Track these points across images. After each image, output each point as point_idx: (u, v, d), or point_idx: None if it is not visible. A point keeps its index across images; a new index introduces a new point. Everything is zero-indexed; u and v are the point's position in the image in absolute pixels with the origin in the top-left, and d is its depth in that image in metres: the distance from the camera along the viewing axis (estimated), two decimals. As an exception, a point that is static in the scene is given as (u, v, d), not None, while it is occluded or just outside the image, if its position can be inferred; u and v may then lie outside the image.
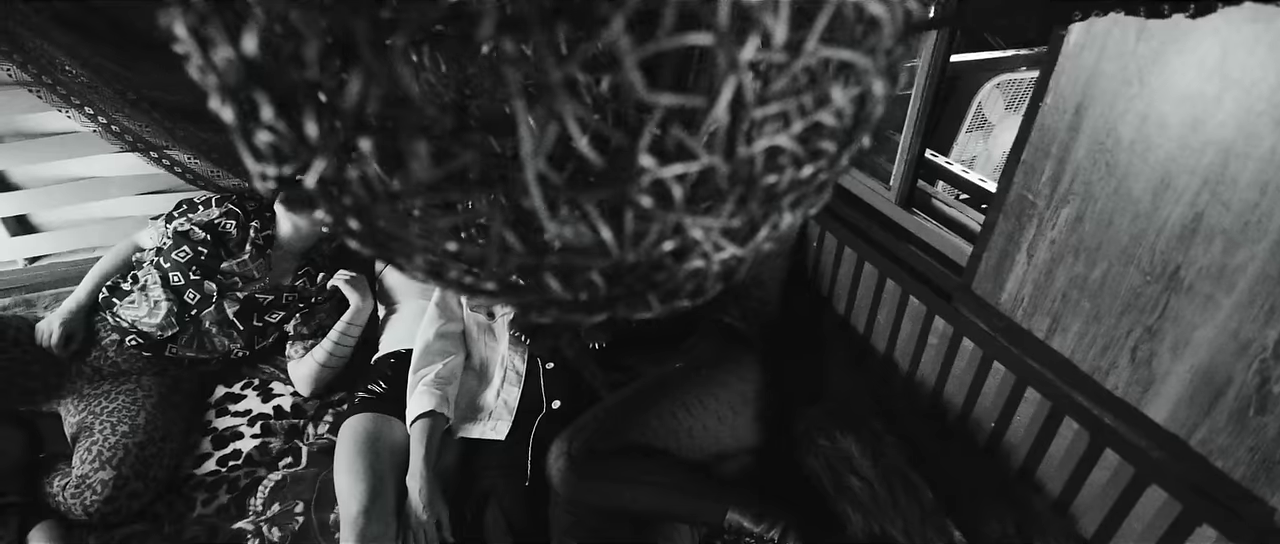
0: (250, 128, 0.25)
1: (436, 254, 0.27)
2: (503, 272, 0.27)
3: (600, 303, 0.30)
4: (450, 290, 0.32)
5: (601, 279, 0.28)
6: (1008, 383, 1.21)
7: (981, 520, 1.18)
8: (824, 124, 0.27)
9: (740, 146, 0.24)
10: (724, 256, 0.30)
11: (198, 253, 1.62)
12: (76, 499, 1.34)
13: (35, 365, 1.52)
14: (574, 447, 1.23)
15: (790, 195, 0.29)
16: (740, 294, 1.72)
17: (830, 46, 0.25)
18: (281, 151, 0.26)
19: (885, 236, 1.49)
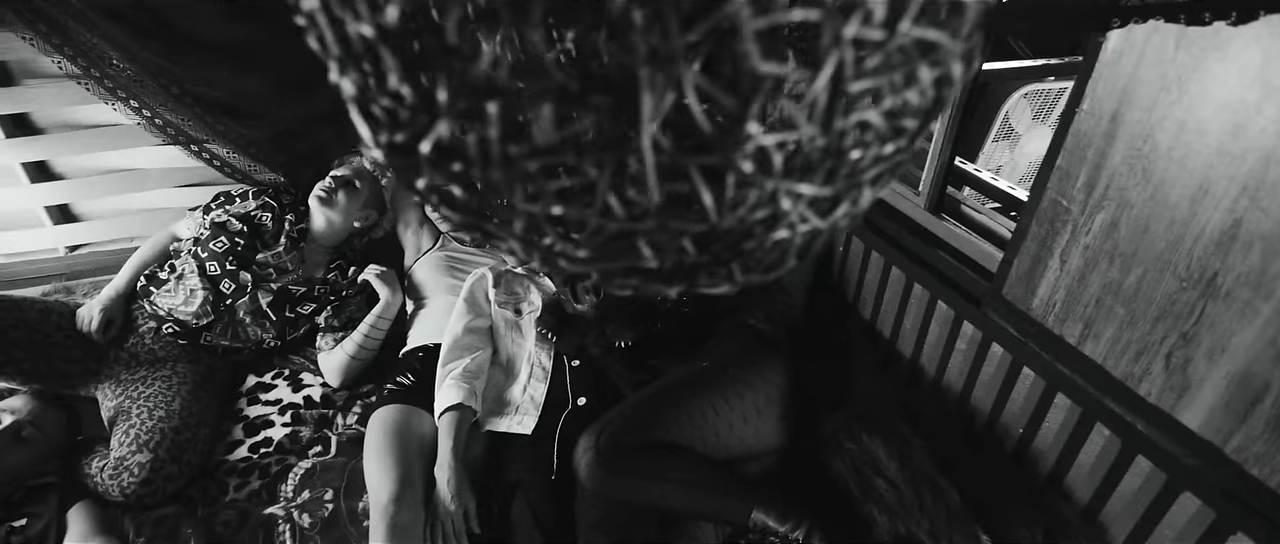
0: (370, 95, 0.27)
1: (538, 219, 0.29)
2: (600, 237, 0.29)
3: (685, 272, 0.32)
4: (537, 261, 0.33)
5: (692, 246, 0.30)
6: (1037, 389, 1.20)
7: (1010, 527, 1.18)
8: (909, 103, 0.28)
9: (836, 119, 0.26)
10: (806, 229, 0.31)
11: (234, 244, 1.65)
12: (114, 481, 1.37)
13: (75, 350, 1.57)
14: (601, 441, 1.24)
15: (871, 171, 0.30)
16: (765, 297, 1.73)
17: (921, 27, 0.26)
18: (397, 118, 0.27)
19: (913, 242, 1.49)
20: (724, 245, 0.30)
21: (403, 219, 1.94)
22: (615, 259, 0.31)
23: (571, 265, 0.33)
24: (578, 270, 0.33)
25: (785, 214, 0.29)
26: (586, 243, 0.29)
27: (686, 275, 0.32)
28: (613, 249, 0.30)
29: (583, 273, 0.35)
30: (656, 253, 0.30)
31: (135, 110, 1.64)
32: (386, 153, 0.29)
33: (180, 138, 1.72)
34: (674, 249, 0.30)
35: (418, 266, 1.88)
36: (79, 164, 1.82)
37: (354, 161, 1.85)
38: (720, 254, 0.31)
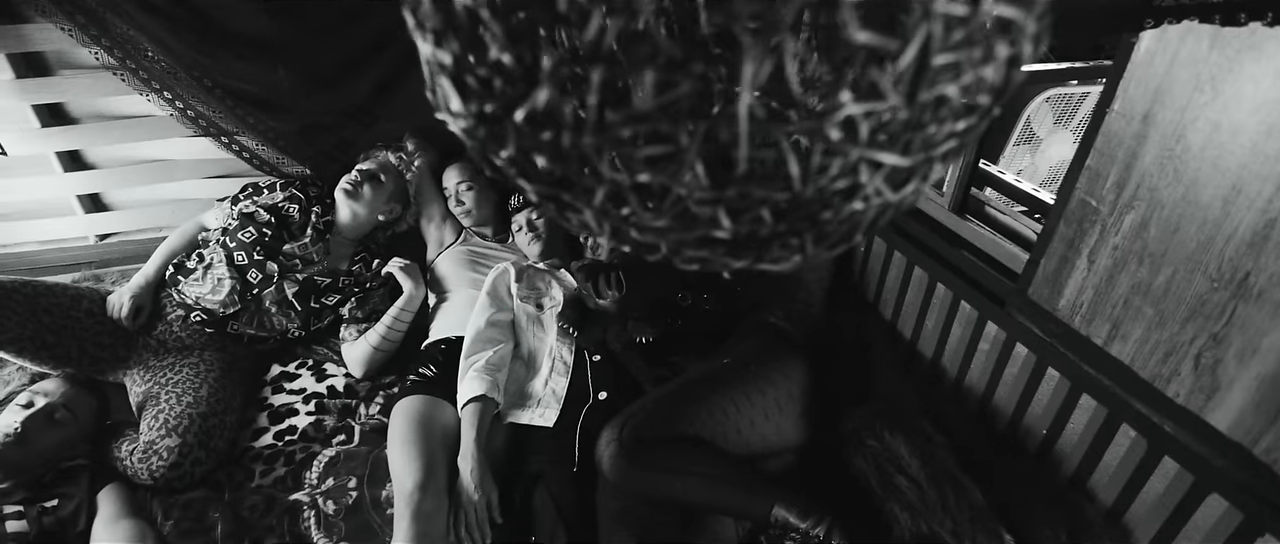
0: (465, 66, 0.28)
1: (622, 188, 0.30)
2: (680, 205, 0.30)
3: (757, 243, 0.33)
4: (607, 235, 0.34)
5: (770, 214, 0.31)
6: (1062, 389, 1.21)
7: (1033, 527, 1.18)
8: (984, 79, 0.29)
9: (920, 92, 0.27)
10: (878, 202, 0.32)
11: (262, 234, 1.68)
12: (143, 464, 1.40)
13: (105, 337, 1.59)
14: (624, 434, 1.25)
15: (943, 147, 0.31)
16: (784, 295, 1.74)
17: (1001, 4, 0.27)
18: (491, 88, 0.29)
19: (937, 242, 1.50)
20: (801, 216, 0.32)
21: (426, 214, 1.96)
22: (691, 229, 0.32)
23: (644, 236, 0.34)
24: (650, 241, 0.34)
25: (863, 186, 0.30)
26: (667, 211, 0.30)
27: (759, 246, 0.33)
28: (689, 219, 0.31)
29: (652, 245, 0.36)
30: (734, 222, 0.31)
31: (168, 102, 1.67)
32: (475, 123, 0.31)
33: (211, 130, 1.74)
34: (751, 219, 0.31)
35: (440, 261, 1.90)
36: (111, 154, 1.85)
37: (379, 156, 1.87)
38: (796, 225, 0.32)
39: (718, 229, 0.31)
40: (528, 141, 0.30)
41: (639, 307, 1.57)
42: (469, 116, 0.31)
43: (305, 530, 1.34)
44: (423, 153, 1.91)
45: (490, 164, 0.36)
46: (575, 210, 0.34)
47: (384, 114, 1.86)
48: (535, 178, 0.33)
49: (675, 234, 0.33)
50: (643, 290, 1.55)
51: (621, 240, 0.37)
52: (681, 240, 0.33)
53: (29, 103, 1.70)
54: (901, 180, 0.31)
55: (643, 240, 0.35)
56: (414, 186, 1.90)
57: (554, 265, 1.81)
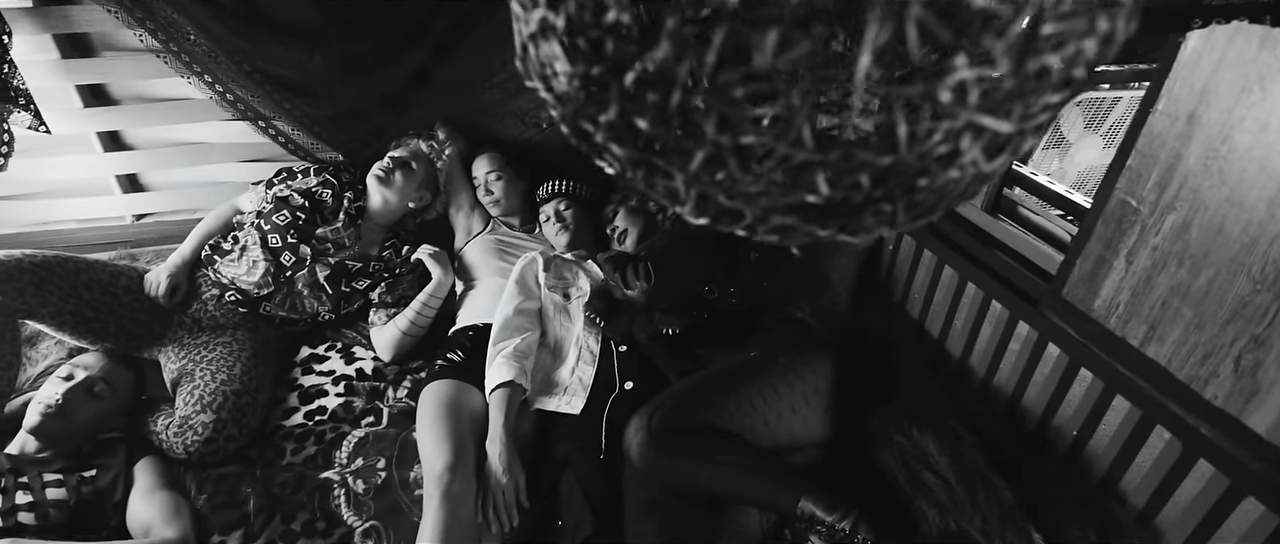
0: (578, 26, 0.29)
1: (724, 150, 0.31)
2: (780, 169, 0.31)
3: (850, 209, 0.34)
4: (690, 203, 0.35)
5: (869, 179, 0.32)
6: (1095, 390, 1.20)
7: (1062, 527, 1.18)
8: (1083, 52, 0.30)
9: (1028, 61, 0.27)
10: (974, 171, 0.33)
11: (296, 217, 1.70)
12: (178, 438, 1.43)
13: (142, 314, 1.62)
14: (653, 422, 1.26)
15: (1038, 118, 0.32)
16: (810, 292, 1.74)
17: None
18: (602, 51, 0.30)
19: (968, 241, 1.49)
20: (898, 182, 0.32)
21: (455, 202, 1.98)
22: (785, 193, 0.33)
23: (732, 202, 0.35)
24: (737, 207, 0.35)
25: (962, 153, 0.31)
26: (767, 174, 0.31)
27: (851, 213, 0.34)
28: (784, 183, 0.32)
29: (737, 212, 0.37)
30: (833, 186, 0.32)
31: (208, 85, 1.70)
32: (580, 85, 0.32)
33: (249, 113, 1.77)
34: (849, 184, 0.32)
35: (468, 249, 1.92)
36: (150, 135, 1.88)
37: (411, 143, 1.89)
38: (892, 191, 0.33)
39: (812, 194, 0.32)
40: (632, 104, 0.31)
41: (666, 298, 1.58)
42: (573, 78, 0.32)
43: (335, 508, 1.36)
44: (453, 142, 1.93)
45: (578, 131, 0.37)
46: (665, 176, 0.35)
47: (417, 102, 1.88)
48: (628, 143, 0.34)
49: (767, 199, 0.33)
50: (670, 283, 1.56)
51: (703, 210, 0.38)
52: (772, 206, 0.34)
53: (72, 83, 1.74)
54: (996, 150, 0.32)
55: (729, 207, 0.36)
56: (444, 175, 1.92)
57: (581, 256, 1.83)
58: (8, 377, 1.47)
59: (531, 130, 2.02)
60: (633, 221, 1.80)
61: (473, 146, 1.98)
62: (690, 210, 0.38)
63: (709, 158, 0.32)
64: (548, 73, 0.35)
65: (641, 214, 1.82)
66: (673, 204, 0.39)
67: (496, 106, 1.96)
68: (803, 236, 0.37)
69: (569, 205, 1.87)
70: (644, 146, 0.34)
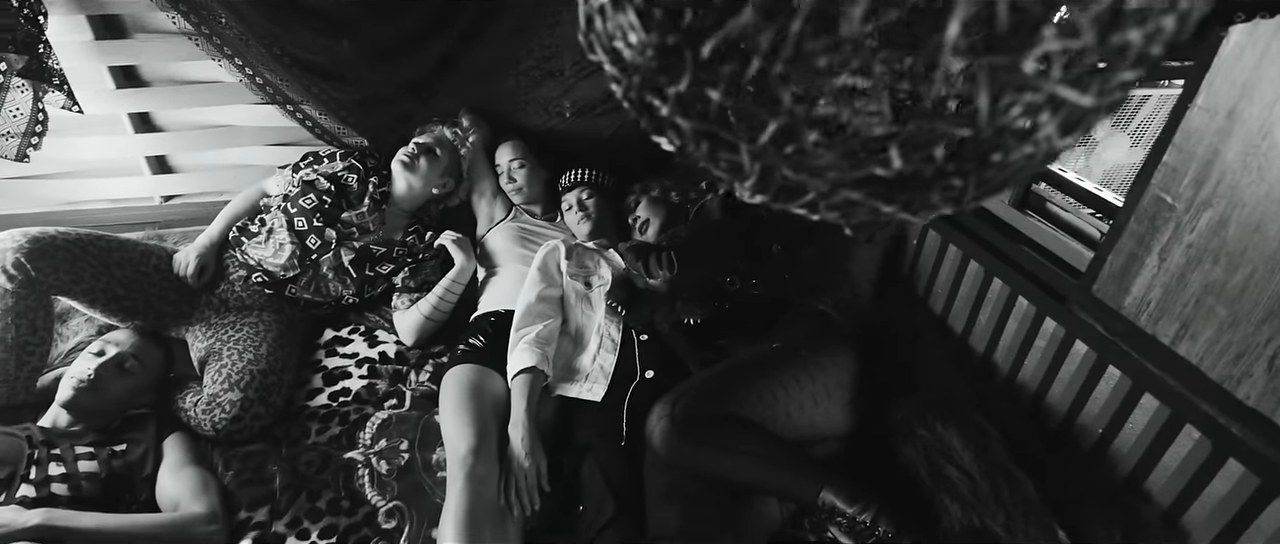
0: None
1: (799, 120, 0.31)
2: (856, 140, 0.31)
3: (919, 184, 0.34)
4: (752, 178, 0.35)
5: (943, 152, 0.32)
6: (1123, 388, 1.19)
7: (1087, 525, 1.17)
8: (1162, 29, 0.30)
9: (1113, 34, 0.27)
10: (1047, 147, 0.33)
11: (322, 202, 1.72)
12: (206, 415, 1.45)
13: (171, 292, 1.65)
14: (676, 410, 1.26)
15: (1113, 95, 0.32)
16: (832, 285, 1.74)
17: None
18: (679, 20, 0.30)
19: (995, 236, 1.48)
20: (973, 156, 0.32)
21: (478, 189, 1.99)
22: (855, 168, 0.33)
23: (799, 174, 0.35)
24: (803, 180, 0.35)
25: (1039, 128, 0.31)
26: (843, 146, 0.31)
27: (919, 188, 0.34)
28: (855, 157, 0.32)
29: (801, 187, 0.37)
30: (906, 157, 0.32)
31: (238, 68, 1.72)
32: (655, 54, 0.32)
33: (278, 97, 1.79)
34: (923, 157, 0.32)
35: (490, 236, 1.93)
36: (180, 118, 1.91)
37: (435, 130, 1.90)
38: (964, 166, 0.33)
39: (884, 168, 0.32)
40: (705, 74, 0.32)
41: (688, 288, 1.58)
42: (647, 48, 0.32)
43: (360, 488, 1.38)
44: (477, 129, 1.94)
45: (641, 105, 0.38)
46: (730, 150, 0.35)
47: (442, 89, 1.89)
48: (695, 115, 0.34)
49: (836, 173, 0.34)
50: (693, 272, 1.56)
51: (764, 187, 0.38)
52: (840, 180, 0.34)
53: (105, 64, 1.77)
54: (1071, 126, 0.32)
55: (793, 181, 0.36)
56: (467, 162, 1.93)
57: (602, 245, 1.83)
58: (41, 351, 1.50)
59: (555, 119, 2.03)
60: (655, 211, 1.80)
61: (496, 134, 1.99)
62: (750, 187, 0.38)
63: (781, 130, 0.32)
64: (617, 44, 0.35)
65: (663, 204, 1.82)
66: (733, 180, 0.39)
67: (520, 95, 1.97)
68: (865, 214, 0.37)
69: (591, 194, 1.87)
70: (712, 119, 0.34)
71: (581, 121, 2.01)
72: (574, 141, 2.02)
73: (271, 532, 1.29)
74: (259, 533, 1.28)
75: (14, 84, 1.56)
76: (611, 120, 2.01)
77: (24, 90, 1.58)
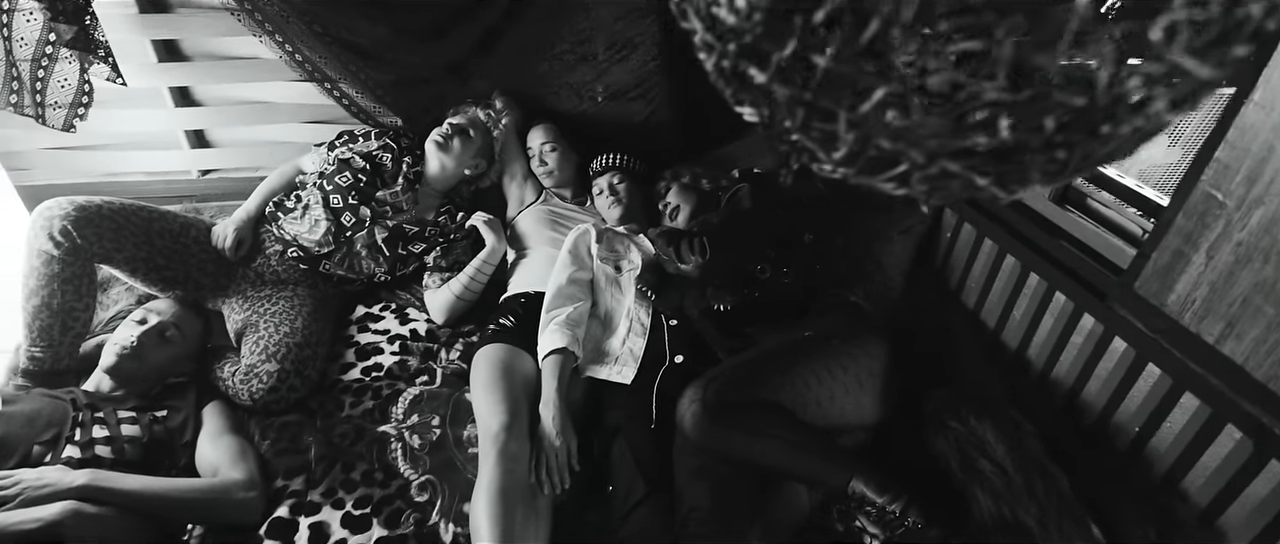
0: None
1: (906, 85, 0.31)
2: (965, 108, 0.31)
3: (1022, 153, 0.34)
4: (842, 147, 0.36)
5: (1053, 122, 0.32)
6: (1162, 386, 1.18)
7: (1121, 523, 1.16)
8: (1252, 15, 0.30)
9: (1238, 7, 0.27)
10: (1156, 121, 0.33)
11: (357, 179, 1.74)
12: (244, 386, 1.48)
13: (209, 265, 1.68)
14: (708, 394, 1.26)
15: (1226, 70, 0.31)
16: (863, 276, 1.73)
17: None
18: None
19: (1032, 230, 1.47)
20: (1082, 128, 0.32)
21: (509, 172, 2.00)
22: (958, 137, 0.33)
23: (897, 143, 0.35)
24: (899, 149, 0.35)
25: (1153, 99, 0.31)
26: (948, 112, 0.31)
27: (1022, 160, 0.34)
28: (963, 124, 0.32)
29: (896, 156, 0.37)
30: (1015, 128, 0.32)
31: (279, 45, 1.73)
32: (763, 19, 0.32)
33: (316, 75, 1.81)
34: (1032, 127, 0.32)
35: (521, 218, 1.95)
36: (218, 93, 1.93)
37: (469, 111, 1.91)
38: (1072, 137, 0.33)
39: (989, 137, 0.32)
40: (811, 39, 0.32)
41: (719, 274, 1.58)
42: (754, 12, 0.32)
43: (393, 461, 1.40)
44: (510, 111, 1.95)
45: (732, 72, 0.38)
46: (829, 117, 0.36)
47: (478, 71, 1.90)
48: (794, 82, 0.35)
49: (936, 142, 0.34)
50: (724, 258, 1.56)
51: (854, 158, 0.38)
52: (941, 149, 0.34)
53: (148, 37, 1.79)
54: (1182, 100, 0.32)
55: (888, 152, 0.36)
56: (500, 144, 1.94)
57: (632, 230, 1.84)
58: (84, 318, 1.53)
59: (587, 103, 2.03)
60: (685, 198, 1.80)
61: (528, 117, 2.00)
62: (839, 158, 0.39)
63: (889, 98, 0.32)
64: (716, 9, 0.36)
65: (694, 191, 1.82)
66: (819, 151, 0.39)
67: (553, 78, 1.97)
68: (959, 187, 0.37)
69: (622, 179, 1.88)
70: (812, 85, 0.34)
71: (613, 106, 2.01)
72: (605, 126, 2.02)
73: (307, 500, 1.31)
74: (295, 501, 1.30)
75: (62, 55, 1.59)
76: (643, 106, 2.01)
77: (71, 61, 1.61)
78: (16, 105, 1.53)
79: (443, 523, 1.31)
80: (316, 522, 1.27)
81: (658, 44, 1.94)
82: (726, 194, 1.78)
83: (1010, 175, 0.36)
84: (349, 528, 1.27)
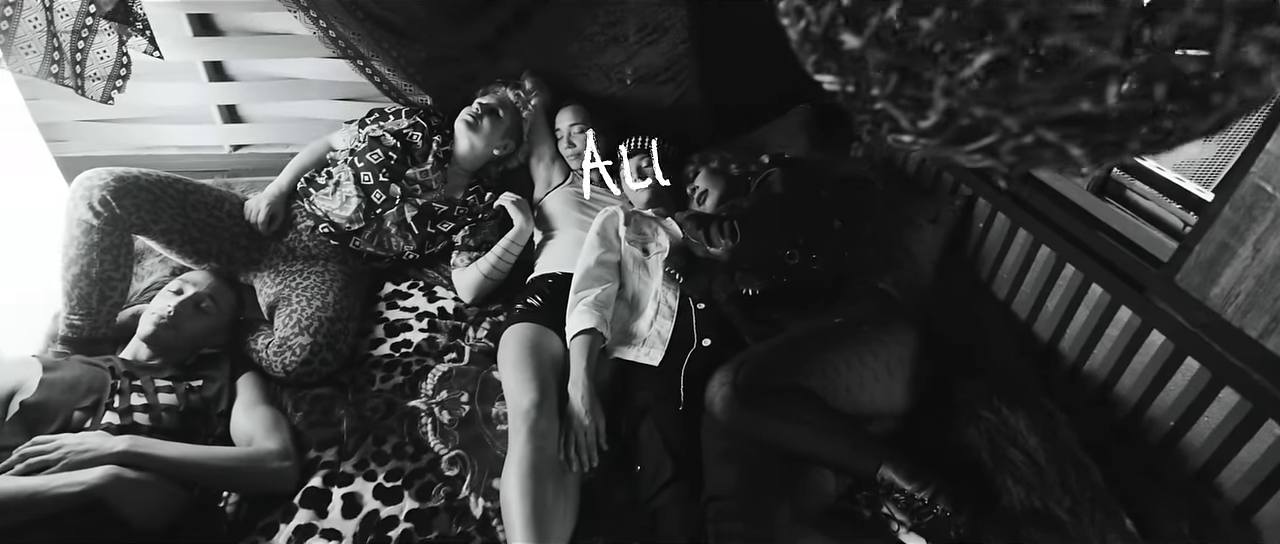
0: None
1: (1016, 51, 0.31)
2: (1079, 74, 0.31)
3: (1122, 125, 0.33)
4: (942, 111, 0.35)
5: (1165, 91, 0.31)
6: (1201, 380, 1.17)
7: (1154, 517, 1.16)
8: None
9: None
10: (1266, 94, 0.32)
11: (388, 157, 1.75)
12: (278, 358, 1.49)
13: (242, 238, 1.70)
14: (739, 377, 1.27)
15: None
16: (892, 264, 1.72)
17: None
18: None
19: (1068, 221, 1.45)
20: (1194, 96, 0.32)
21: (537, 153, 2.00)
22: (1061, 103, 0.33)
23: (993, 110, 0.34)
24: (995, 116, 0.35)
25: (1269, 69, 0.30)
26: (1062, 78, 0.31)
27: (1124, 128, 0.34)
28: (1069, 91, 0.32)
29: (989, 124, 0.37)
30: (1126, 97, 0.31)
31: (313, 20, 1.74)
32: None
33: (349, 52, 1.81)
34: (1143, 94, 0.32)
35: (548, 199, 1.95)
36: (251, 68, 1.94)
37: (498, 91, 1.91)
38: (1183, 107, 0.32)
39: (1096, 104, 0.32)
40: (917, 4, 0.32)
41: (748, 259, 1.58)
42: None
43: (423, 435, 1.41)
44: (539, 92, 1.95)
45: (823, 38, 0.38)
46: (923, 84, 0.35)
47: (508, 50, 1.90)
48: (891, 47, 0.34)
49: (1037, 109, 0.33)
50: (754, 243, 1.56)
51: (943, 126, 0.38)
52: (1041, 116, 0.34)
53: (184, 11, 1.80)
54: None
55: (983, 118, 0.36)
56: (528, 125, 1.94)
57: (660, 214, 1.84)
58: (122, 288, 1.56)
59: (615, 86, 2.02)
60: (713, 183, 1.80)
61: (557, 99, 1.99)
62: (927, 127, 0.38)
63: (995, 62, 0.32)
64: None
65: (722, 176, 1.81)
66: (903, 120, 0.39)
67: (583, 60, 1.97)
68: (1050, 158, 0.37)
69: (650, 162, 1.87)
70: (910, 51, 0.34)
71: (642, 89, 2.01)
72: (634, 109, 2.01)
73: (340, 471, 1.33)
74: (328, 471, 1.32)
75: (101, 27, 1.60)
76: (672, 89, 2.01)
77: (110, 33, 1.62)
78: (57, 76, 1.55)
79: (472, 497, 1.32)
80: (349, 492, 1.29)
81: (688, 27, 1.93)
82: (756, 178, 1.77)
83: (1107, 146, 0.35)
84: (381, 499, 1.29)
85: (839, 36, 0.37)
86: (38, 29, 1.48)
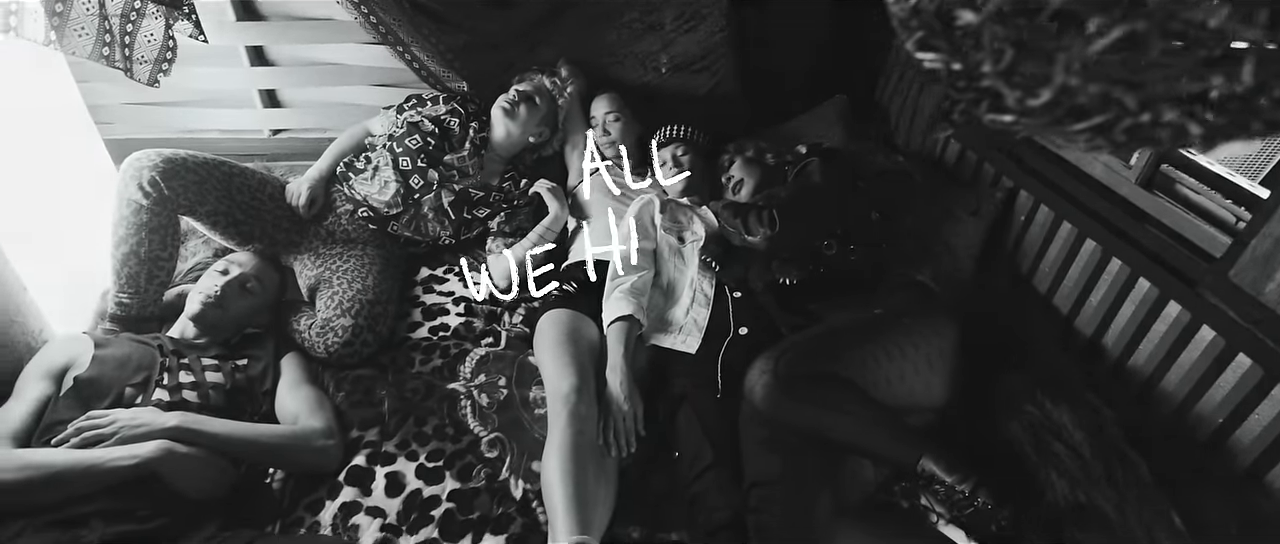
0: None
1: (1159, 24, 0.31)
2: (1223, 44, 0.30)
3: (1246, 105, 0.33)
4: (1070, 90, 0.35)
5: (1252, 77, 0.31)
6: (1253, 377, 1.15)
7: (1201, 515, 1.14)
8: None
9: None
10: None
11: (426, 142, 1.76)
12: (320, 339, 1.52)
13: (284, 221, 1.72)
14: (779, 366, 1.26)
15: None
16: (931, 257, 1.71)
17: None
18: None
19: (1114, 214, 1.43)
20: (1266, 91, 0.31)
21: (571, 141, 2.00)
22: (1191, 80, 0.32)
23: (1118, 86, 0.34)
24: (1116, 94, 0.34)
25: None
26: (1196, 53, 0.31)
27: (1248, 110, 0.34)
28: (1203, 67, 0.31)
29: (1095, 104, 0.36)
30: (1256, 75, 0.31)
31: (355, 6, 1.75)
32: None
33: (389, 37, 1.83)
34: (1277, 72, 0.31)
35: (582, 187, 1.95)
36: (291, 53, 1.97)
37: (535, 79, 1.92)
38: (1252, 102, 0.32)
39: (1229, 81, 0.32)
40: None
41: (787, 247, 1.58)
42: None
43: (463, 418, 1.43)
44: (575, 80, 1.95)
45: (934, 16, 0.37)
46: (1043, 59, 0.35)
47: (545, 37, 1.90)
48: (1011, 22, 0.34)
49: (1165, 86, 0.33)
50: (792, 232, 1.55)
51: (1054, 106, 0.37)
52: (1167, 94, 0.33)
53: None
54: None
55: (1099, 94, 0.35)
56: (564, 112, 1.95)
57: (695, 203, 1.84)
58: (168, 267, 1.59)
59: (650, 74, 2.02)
60: (749, 172, 1.79)
61: (593, 87, 2.00)
62: (1038, 105, 0.38)
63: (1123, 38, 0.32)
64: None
65: (758, 165, 1.81)
66: (1016, 97, 0.39)
67: (619, 47, 1.97)
68: (1167, 138, 0.37)
69: (686, 151, 1.87)
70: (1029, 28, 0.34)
71: (677, 78, 2.00)
72: (669, 98, 2.01)
73: (382, 451, 1.35)
74: (371, 451, 1.34)
75: (149, 10, 1.63)
76: (708, 78, 2.00)
77: (157, 17, 1.65)
78: (108, 58, 1.57)
79: (512, 479, 1.34)
80: (392, 471, 1.31)
81: (725, 15, 1.92)
82: (795, 168, 1.76)
83: (1228, 127, 0.35)
84: (423, 479, 1.31)
85: (954, 12, 0.37)
86: (90, 11, 1.50)
